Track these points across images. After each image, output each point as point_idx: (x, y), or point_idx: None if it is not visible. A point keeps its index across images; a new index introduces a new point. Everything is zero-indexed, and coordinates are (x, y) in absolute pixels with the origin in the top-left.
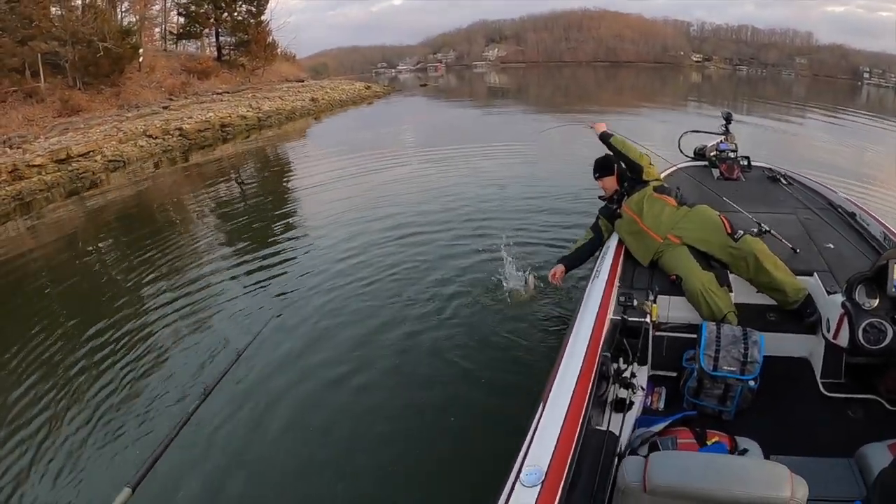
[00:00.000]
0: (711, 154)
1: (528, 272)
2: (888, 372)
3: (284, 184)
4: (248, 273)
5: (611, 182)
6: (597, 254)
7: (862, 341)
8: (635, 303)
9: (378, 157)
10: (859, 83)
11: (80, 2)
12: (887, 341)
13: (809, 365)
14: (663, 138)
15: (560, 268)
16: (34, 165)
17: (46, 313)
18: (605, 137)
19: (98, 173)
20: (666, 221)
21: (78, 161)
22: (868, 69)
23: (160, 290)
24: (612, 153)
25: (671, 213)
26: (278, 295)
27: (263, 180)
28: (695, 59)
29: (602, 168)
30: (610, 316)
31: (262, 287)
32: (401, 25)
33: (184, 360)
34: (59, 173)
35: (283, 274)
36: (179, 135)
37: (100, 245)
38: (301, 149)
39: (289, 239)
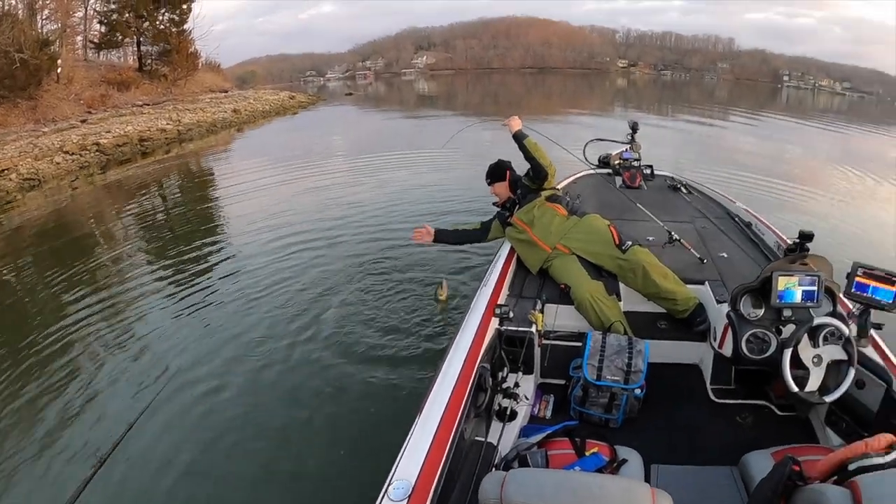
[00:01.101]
0: (615, 162)
1: (442, 279)
2: (777, 378)
3: (204, 199)
4: (168, 295)
5: (502, 188)
6: (489, 262)
7: (745, 351)
8: (512, 313)
9: (297, 168)
10: (779, 86)
11: None
12: (770, 351)
13: (700, 371)
14: (575, 143)
15: (429, 230)
16: None
17: None
18: (519, 137)
19: (12, 192)
20: (555, 231)
21: None
22: (787, 73)
23: (76, 315)
24: (522, 153)
25: (560, 223)
26: (190, 313)
27: (183, 196)
28: (621, 64)
29: (493, 174)
30: (494, 326)
31: (182, 309)
32: (330, 33)
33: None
34: None
35: (201, 289)
36: (97, 150)
37: (12, 269)
38: (221, 162)
39: (207, 256)
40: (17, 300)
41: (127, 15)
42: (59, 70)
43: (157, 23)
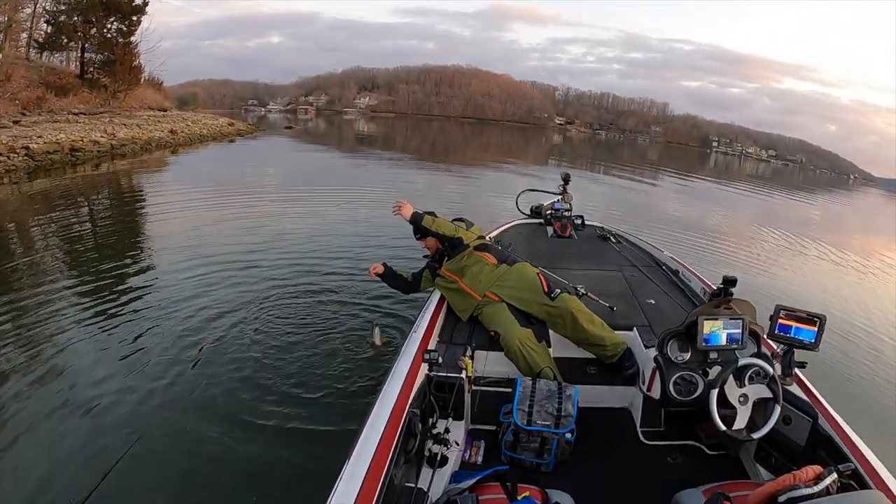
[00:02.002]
0: (547, 213)
1: (374, 323)
2: (706, 419)
3: (130, 217)
4: (77, 310)
5: (432, 242)
6: (420, 309)
7: (673, 393)
8: (441, 359)
9: (228, 195)
10: (709, 151)
11: None
12: (698, 392)
13: (630, 415)
14: (509, 193)
15: (380, 268)
16: None
17: None
18: (415, 221)
19: None
20: (485, 280)
21: None
22: (717, 139)
23: None
24: (425, 234)
25: (490, 271)
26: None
27: (109, 212)
28: (558, 121)
29: (421, 231)
30: (423, 371)
31: (89, 325)
32: (276, 63)
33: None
34: None
35: (112, 307)
36: (26, 154)
37: None
38: (152, 182)
39: (125, 274)
40: None
41: (76, 18)
42: None
43: (105, 31)
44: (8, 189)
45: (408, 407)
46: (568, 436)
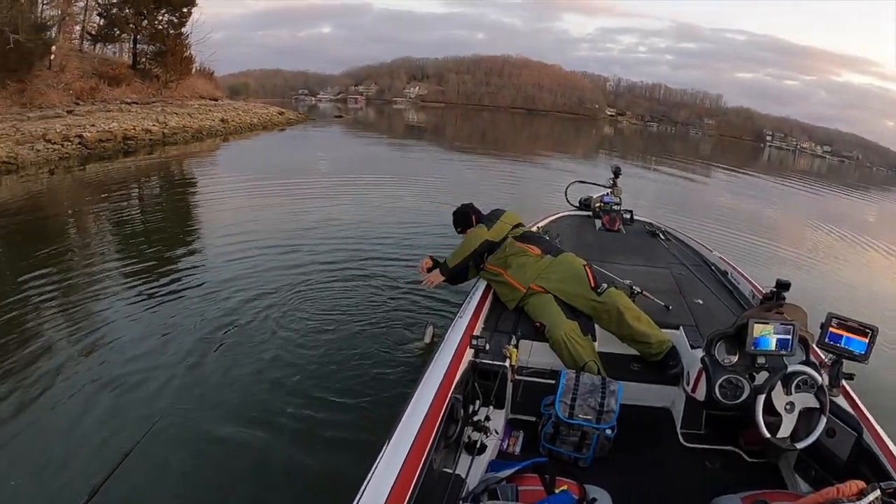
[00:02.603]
0: (596, 205)
1: (427, 322)
2: (748, 425)
3: (182, 204)
4: (130, 293)
5: None
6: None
7: (718, 396)
8: (488, 346)
9: (277, 183)
10: (762, 145)
11: None
12: (744, 397)
13: (671, 415)
14: (561, 184)
15: (429, 262)
16: None
17: None
18: (445, 269)
19: None
20: (530, 272)
21: None
22: (771, 132)
23: (43, 319)
24: (460, 271)
25: (534, 262)
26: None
27: (160, 199)
28: (609, 112)
29: (461, 222)
30: (468, 357)
31: (144, 307)
32: (326, 53)
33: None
34: None
35: (167, 293)
36: (79, 142)
37: None
38: (203, 169)
39: (177, 260)
40: None
41: (127, 11)
42: (52, 57)
43: (156, 22)
44: (62, 175)
45: (451, 392)
46: (608, 432)
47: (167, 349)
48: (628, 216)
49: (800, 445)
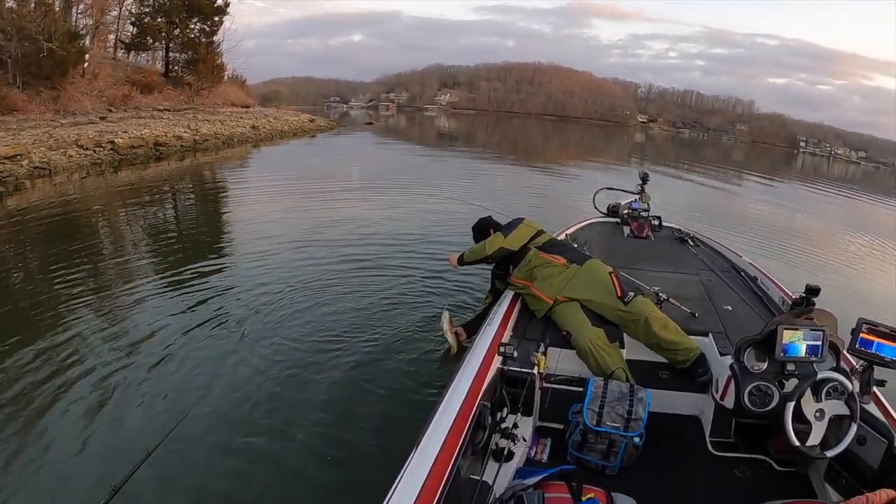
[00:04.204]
0: (624, 212)
1: (444, 308)
2: (778, 433)
3: (213, 209)
4: (166, 299)
5: None
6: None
7: (747, 404)
8: (516, 353)
9: (308, 189)
10: (796, 151)
11: None
12: (773, 404)
13: (699, 423)
14: (589, 191)
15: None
16: None
17: None
18: (460, 259)
19: (22, 178)
20: (556, 283)
21: (3, 163)
22: (805, 139)
23: (71, 308)
24: (475, 264)
25: (560, 274)
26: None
27: (192, 205)
28: (640, 119)
29: (479, 234)
30: (496, 365)
31: (181, 315)
32: (357, 61)
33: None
34: None
35: (200, 301)
36: (111, 148)
37: (10, 262)
38: (235, 175)
39: (210, 265)
40: (8, 286)
41: (159, 19)
42: (85, 64)
43: (188, 31)
44: (94, 180)
45: (479, 399)
46: (636, 440)
47: (195, 349)
48: (656, 222)
49: (830, 454)
